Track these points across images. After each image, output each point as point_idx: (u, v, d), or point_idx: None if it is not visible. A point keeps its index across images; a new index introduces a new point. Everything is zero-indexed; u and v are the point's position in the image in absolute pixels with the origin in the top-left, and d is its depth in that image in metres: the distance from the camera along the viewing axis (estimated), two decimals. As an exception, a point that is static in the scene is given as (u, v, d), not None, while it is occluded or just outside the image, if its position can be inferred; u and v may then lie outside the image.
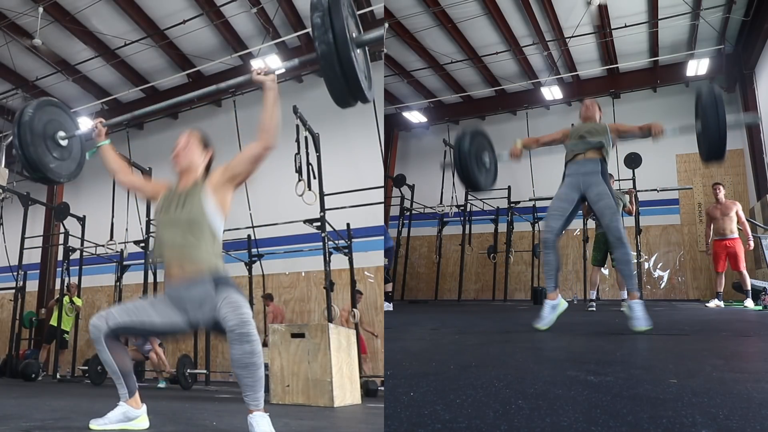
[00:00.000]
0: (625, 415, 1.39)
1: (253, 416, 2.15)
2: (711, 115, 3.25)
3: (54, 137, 2.72)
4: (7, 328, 9.77)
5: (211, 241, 2.32)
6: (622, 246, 3.62)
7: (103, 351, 2.30)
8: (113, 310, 2.33)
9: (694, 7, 8.76)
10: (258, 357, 2.13)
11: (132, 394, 2.36)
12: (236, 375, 2.16)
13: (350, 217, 7.24)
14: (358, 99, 2.23)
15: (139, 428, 2.37)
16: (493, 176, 4.11)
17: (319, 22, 2.09)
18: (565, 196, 3.81)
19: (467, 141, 3.87)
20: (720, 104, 3.26)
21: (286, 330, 4.62)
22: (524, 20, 9.45)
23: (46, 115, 2.71)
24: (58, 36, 8.88)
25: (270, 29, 8.64)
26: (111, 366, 2.32)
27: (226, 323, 2.12)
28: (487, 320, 5.19)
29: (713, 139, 3.28)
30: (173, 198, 2.39)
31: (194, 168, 2.44)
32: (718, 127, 3.24)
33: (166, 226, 2.35)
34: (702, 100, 3.34)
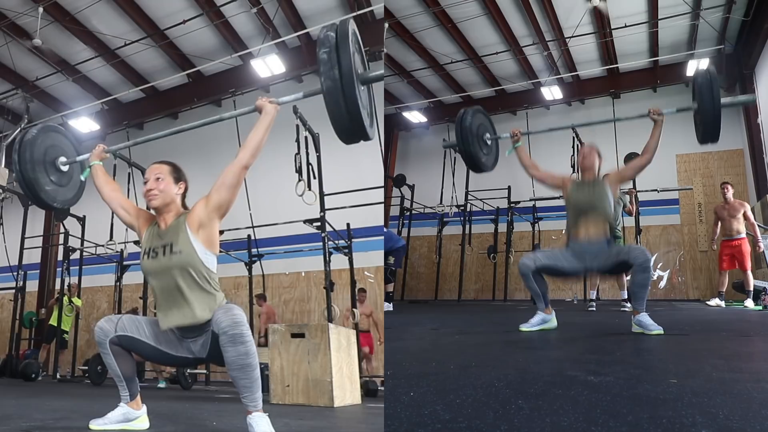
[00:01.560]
0: (625, 415, 1.39)
1: (252, 417, 2.15)
2: (706, 94, 3.29)
3: (54, 162, 2.72)
4: (7, 328, 9.77)
5: (206, 284, 2.25)
6: (646, 272, 3.46)
7: (108, 355, 2.30)
8: (125, 319, 2.32)
9: (694, 7, 8.76)
10: (253, 358, 2.12)
11: (133, 398, 2.37)
12: (232, 378, 2.15)
13: (350, 217, 7.24)
14: (360, 137, 2.24)
15: (139, 428, 2.37)
16: (494, 158, 4.13)
17: (326, 58, 2.10)
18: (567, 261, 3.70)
19: (469, 117, 3.92)
20: (715, 84, 3.29)
21: (286, 330, 4.62)
22: (524, 20, 9.45)
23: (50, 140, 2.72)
24: (58, 36, 8.88)
25: (270, 29, 8.64)
26: (114, 370, 2.33)
27: (218, 325, 2.11)
28: (487, 320, 5.19)
29: (708, 119, 3.33)
30: (158, 241, 2.30)
31: (170, 203, 2.34)
32: (713, 106, 3.27)
33: (157, 274, 2.27)
34: (698, 80, 3.39)
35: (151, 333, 2.32)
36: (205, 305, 2.23)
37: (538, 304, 3.81)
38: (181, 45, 9.26)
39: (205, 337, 2.25)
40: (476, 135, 4.00)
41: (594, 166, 3.82)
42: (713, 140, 3.43)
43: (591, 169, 3.81)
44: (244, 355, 2.10)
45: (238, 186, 2.31)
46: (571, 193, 3.81)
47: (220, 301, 2.26)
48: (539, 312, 3.78)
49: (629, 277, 3.82)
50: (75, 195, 2.91)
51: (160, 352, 2.31)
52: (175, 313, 2.24)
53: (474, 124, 3.99)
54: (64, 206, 2.88)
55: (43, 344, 9.14)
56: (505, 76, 11.26)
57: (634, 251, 3.51)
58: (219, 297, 2.27)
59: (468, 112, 4.00)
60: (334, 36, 2.12)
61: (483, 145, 4.02)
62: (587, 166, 3.82)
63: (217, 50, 9.26)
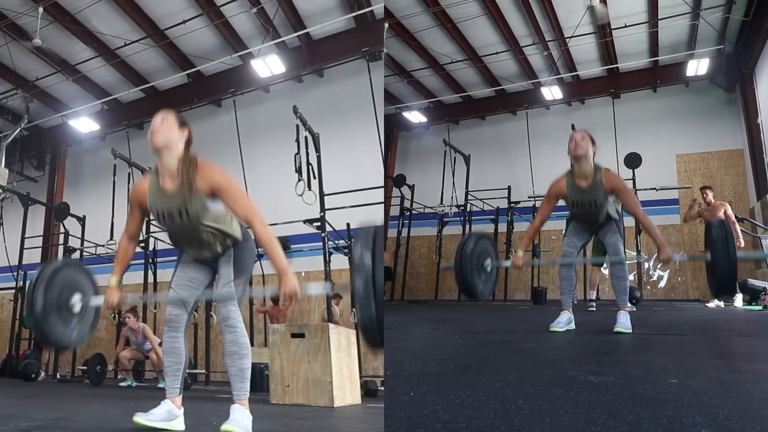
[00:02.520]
0: (625, 415, 1.39)
1: (233, 407, 2.23)
2: (721, 249, 3.17)
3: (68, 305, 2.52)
4: (7, 328, 9.76)
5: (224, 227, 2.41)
6: (620, 264, 3.81)
7: (178, 339, 2.40)
8: (182, 294, 2.44)
9: (694, 7, 8.76)
10: (240, 347, 2.32)
11: (181, 392, 2.44)
12: (225, 364, 2.35)
13: (350, 217, 7.24)
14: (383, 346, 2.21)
15: (177, 429, 2.38)
16: (492, 284, 3.94)
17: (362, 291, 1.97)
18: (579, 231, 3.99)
19: (471, 244, 3.71)
20: (730, 237, 3.19)
21: (286, 330, 4.62)
22: (524, 20, 9.45)
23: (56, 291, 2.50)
24: (58, 36, 8.87)
25: (270, 29, 8.63)
26: (180, 356, 2.42)
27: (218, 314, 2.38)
28: (487, 320, 5.19)
29: (723, 274, 3.20)
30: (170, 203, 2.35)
31: (172, 146, 2.38)
32: (728, 261, 3.16)
33: (180, 232, 2.43)
34: (712, 233, 3.28)
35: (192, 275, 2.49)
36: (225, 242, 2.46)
37: (565, 300, 3.91)
38: (181, 45, 9.26)
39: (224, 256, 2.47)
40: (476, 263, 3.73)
41: (588, 154, 3.64)
42: (729, 294, 3.48)
43: (585, 156, 3.63)
44: (232, 343, 2.32)
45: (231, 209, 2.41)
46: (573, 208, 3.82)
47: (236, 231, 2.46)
48: (565, 311, 3.89)
49: None
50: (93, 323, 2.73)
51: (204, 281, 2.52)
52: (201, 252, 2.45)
53: (475, 252, 3.73)
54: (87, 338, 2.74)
55: (44, 345, 9.14)
56: (505, 76, 11.25)
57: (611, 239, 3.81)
58: (235, 228, 2.46)
59: (471, 239, 3.77)
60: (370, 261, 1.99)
61: (482, 272, 3.77)
62: (580, 155, 3.63)
63: (217, 50, 9.26)
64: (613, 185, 3.63)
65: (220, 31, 8.93)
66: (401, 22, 9.43)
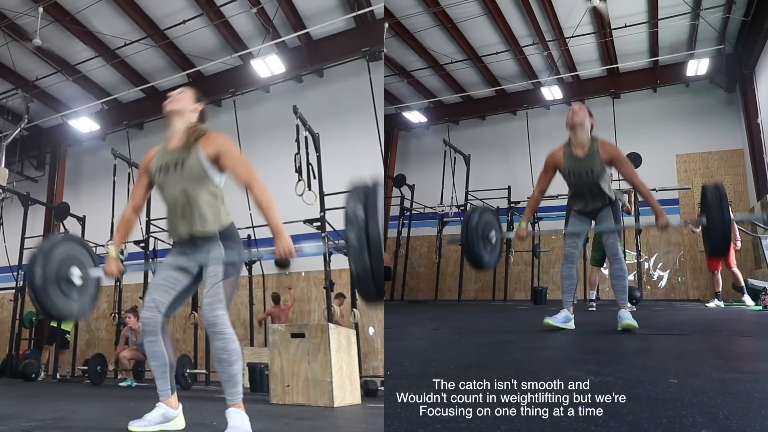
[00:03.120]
0: (625, 415, 1.39)
1: (228, 411, 2.23)
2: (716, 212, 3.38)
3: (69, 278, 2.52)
4: (7, 328, 9.76)
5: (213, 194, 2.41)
6: (618, 262, 3.80)
7: (157, 342, 2.37)
8: (155, 295, 2.40)
9: (694, 7, 8.75)
10: (229, 354, 2.28)
11: (173, 392, 2.39)
12: (216, 369, 2.33)
13: (350, 217, 7.22)
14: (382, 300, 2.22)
15: (176, 429, 2.38)
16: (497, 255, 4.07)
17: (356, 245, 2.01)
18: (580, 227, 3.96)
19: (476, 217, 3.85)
20: (725, 201, 3.38)
21: (286, 330, 4.62)
22: (524, 20, 9.44)
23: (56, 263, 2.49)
24: (58, 36, 8.87)
25: (270, 29, 8.63)
26: (162, 358, 2.38)
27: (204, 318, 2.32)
28: (487, 320, 5.20)
29: (717, 237, 3.41)
30: (169, 157, 2.43)
31: (185, 113, 2.50)
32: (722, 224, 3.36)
33: (168, 186, 2.41)
34: (707, 197, 3.47)
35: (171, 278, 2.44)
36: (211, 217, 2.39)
37: (566, 298, 3.90)
38: (181, 45, 9.25)
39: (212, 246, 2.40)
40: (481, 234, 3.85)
41: (585, 124, 3.72)
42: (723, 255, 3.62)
43: (581, 125, 3.71)
44: (221, 350, 2.28)
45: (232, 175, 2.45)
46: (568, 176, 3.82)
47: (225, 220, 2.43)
48: (565, 309, 3.87)
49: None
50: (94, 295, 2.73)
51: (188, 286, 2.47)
52: (184, 224, 2.39)
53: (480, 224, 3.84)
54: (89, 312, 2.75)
55: (45, 345, 9.13)
56: (505, 76, 11.25)
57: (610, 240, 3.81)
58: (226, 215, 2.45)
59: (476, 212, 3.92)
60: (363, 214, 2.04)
61: (487, 243, 3.95)
62: (577, 122, 3.71)
63: (217, 50, 9.26)
64: (610, 154, 3.69)
65: (220, 31, 8.93)
66: (401, 22, 9.42)
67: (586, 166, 3.70)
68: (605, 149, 3.70)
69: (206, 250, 2.40)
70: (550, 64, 10.55)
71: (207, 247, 2.40)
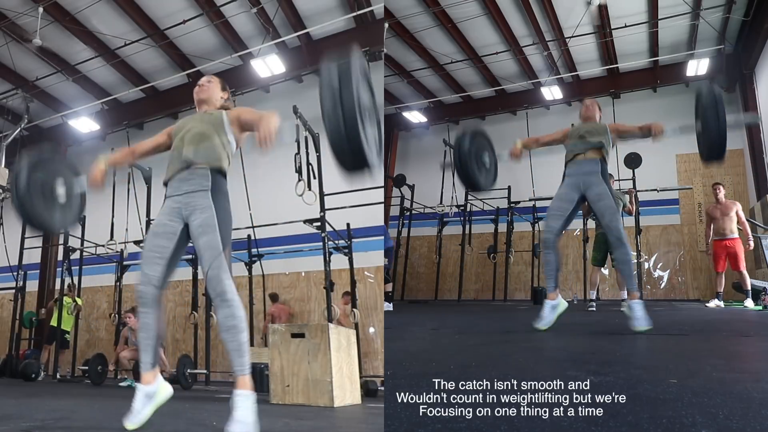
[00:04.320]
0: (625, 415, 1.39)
1: (237, 394, 2.21)
2: (711, 114, 3.27)
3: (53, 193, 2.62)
4: (7, 328, 9.76)
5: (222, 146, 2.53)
6: (622, 246, 3.65)
7: (149, 314, 2.40)
8: (146, 269, 2.42)
9: (694, 7, 8.76)
10: (239, 321, 2.29)
11: (154, 366, 2.41)
12: (223, 340, 2.30)
13: (350, 217, 7.23)
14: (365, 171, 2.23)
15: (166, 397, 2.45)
16: (493, 176, 4.12)
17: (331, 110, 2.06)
18: (566, 196, 3.83)
19: (467, 140, 3.89)
20: (720, 104, 3.26)
21: (286, 330, 4.62)
22: (524, 20, 9.44)
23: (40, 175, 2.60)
24: (58, 36, 8.87)
25: (270, 29, 8.63)
26: (151, 330, 2.40)
27: (210, 291, 2.32)
28: (487, 320, 5.20)
29: (713, 140, 3.30)
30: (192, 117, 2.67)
31: (212, 102, 2.73)
32: (718, 126, 3.25)
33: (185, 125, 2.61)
34: (702, 100, 3.35)
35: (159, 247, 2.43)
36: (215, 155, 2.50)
37: (549, 284, 3.84)
38: (181, 45, 9.26)
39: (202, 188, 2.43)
40: (474, 156, 3.91)
41: (595, 116, 4.09)
42: (718, 160, 3.45)
43: (592, 117, 4.09)
44: (231, 317, 2.27)
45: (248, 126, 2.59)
46: (570, 129, 4.08)
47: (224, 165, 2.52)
48: (547, 302, 3.77)
49: None
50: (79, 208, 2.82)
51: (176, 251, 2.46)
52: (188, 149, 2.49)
53: (472, 146, 3.90)
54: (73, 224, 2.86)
55: (45, 345, 9.13)
56: (505, 76, 11.25)
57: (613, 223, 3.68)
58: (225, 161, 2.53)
59: (467, 134, 3.95)
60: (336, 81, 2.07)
61: (481, 165, 3.96)
62: (589, 116, 4.08)
63: (217, 50, 9.26)
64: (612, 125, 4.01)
65: (220, 31, 8.93)
66: (401, 22, 9.43)
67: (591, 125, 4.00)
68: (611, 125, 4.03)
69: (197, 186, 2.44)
70: (550, 64, 10.56)
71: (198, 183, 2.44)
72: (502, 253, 10.58)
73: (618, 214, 3.82)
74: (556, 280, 3.79)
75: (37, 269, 11.70)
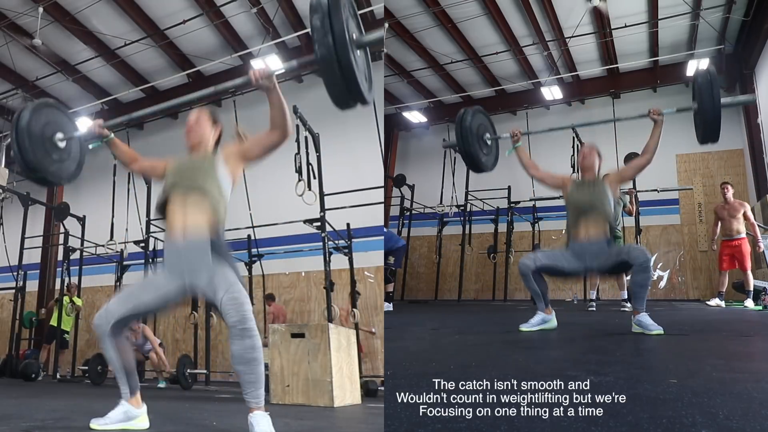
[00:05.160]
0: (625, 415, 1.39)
1: (253, 415, 2.16)
2: (706, 95, 3.32)
3: (52, 139, 2.69)
4: (7, 328, 9.76)
5: (217, 199, 2.36)
6: (646, 271, 3.46)
7: (109, 348, 2.31)
8: (110, 304, 2.34)
9: (694, 7, 8.75)
10: (258, 352, 2.18)
11: (133, 393, 2.37)
12: (237, 372, 2.19)
13: (350, 217, 7.23)
14: (357, 101, 2.23)
15: (139, 428, 2.37)
16: (494, 158, 4.15)
17: (319, 24, 2.08)
18: (567, 261, 3.72)
19: (469, 117, 3.94)
20: (715, 85, 3.31)
21: (286, 330, 4.62)
22: (524, 20, 9.44)
23: (44, 117, 2.68)
24: (58, 36, 8.87)
25: (270, 29, 8.64)
26: (115, 363, 2.33)
27: (227, 319, 2.18)
28: (487, 320, 5.20)
29: (708, 120, 3.36)
30: (184, 163, 2.50)
31: (205, 142, 2.54)
32: (712, 107, 3.30)
33: (174, 184, 2.41)
34: (697, 81, 3.42)
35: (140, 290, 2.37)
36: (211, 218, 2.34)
37: (538, 304, 3.80)
38: (181, 45, 9.26)
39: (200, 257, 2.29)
40: (476, 135, 4.02)
41: (594, 166, 3.84)
42: (713, 140, 3.46)
43: (591, 169, 3.83)
44: (251, 349, 2.16)
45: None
46: (571, 192, 3.82)
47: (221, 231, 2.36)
48: (539, 312, 3.78)
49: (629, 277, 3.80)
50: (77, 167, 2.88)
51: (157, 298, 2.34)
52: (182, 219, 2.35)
53: (474, 124, 4.01)
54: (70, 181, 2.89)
55: (44, 345, 9.13)
56: (505, 76, 11.25)
57: (634, 251, 3.53)
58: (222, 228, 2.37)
59: (468, 112, 4.01)
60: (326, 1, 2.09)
61: (483, 145, 4.05)
62: (587, 166, 3.84)
63: (217, 50, 9.26)
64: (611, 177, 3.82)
65: (220, 31, 8.93)
66: (401, 22, 9.43)
67: (591, 186, 3.77)
68: (608, 177, 3.83)
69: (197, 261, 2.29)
70: (550, 64, 10.55)
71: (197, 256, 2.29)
72: (502, 253, 10.58)
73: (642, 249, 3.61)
74: (546, 299, 3.76)
75: (37, 269, 11.71)
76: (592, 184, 3.80)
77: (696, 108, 3.47)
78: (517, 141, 4.07)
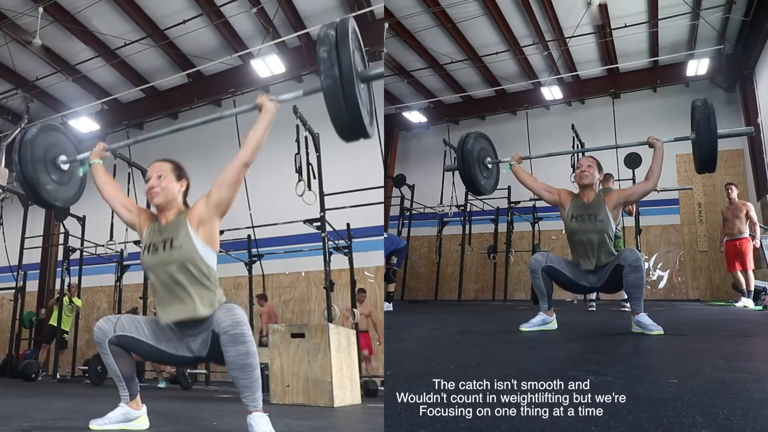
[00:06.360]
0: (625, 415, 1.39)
1: (252, 416, 2.16)
2: (703, 129, 3.38)
3: (55, 161, 2.76)
4: (7, 328, 9.77)
5: (205, 281, 2.27)
6: (637, 271, 3.46)
7: (107, 355, 2.31)
8: (123, 319, 2.33)
9: (694, 7, 8.76)
10: (253, 357, 2.15)
11: (133, 398, 2.37)
12: (233, 378, 2.17)
13: (350, 217, 7.23)
14: (360, 135, 2.24)
15: (139, 428, 2.37)
16: (494, 181, 4.14)
17: (326, 56, 2.11)
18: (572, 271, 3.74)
19: (471, 142, 3.94)
20: (712, 118, 3.36)
21: (286, 330, 4.62)
22: (524, 20, 9.45)
23: (50, 138, 2.75)
24: (58, 36, 8.87)
25: (270, 29, 8.64)
26: (113, 370, 2.32)
27: (219, 325, 2.14)
28: (487, 320, 5.20)
29: (705, 154, 3.43)
30: (158, 237, 2.32)
31: (171, 200, 2.36)
32: (710, 141, 3.37)
33: (156, 268, 2.29)
34: (696, 114, 3.46)
35: (151, 332, 2.33)
36: (205, 301, 2.24)
37: (540, 304, 3.80)
38: (181, 45, 9.26)
39: (205, 335, 2.26)
40: (477, 159, 3.99)
41: (594, 184, 3.72)
42: (710, 170, 3.54)
43: (590, 186, 3.71)
44: (245, 355, 2.12)
45: (239, 184, 2.34)
46: (570, 220, 3.73)
47: (220, 298, 2.28)
48: (540, 312, 3.77)
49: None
50: (76, 193, 2.94)
51: (159, 351, 2.33)
52: (175, 308, 2.25)
53: (475, 149, 3.97)
54: (65, 205, 2.93)
55: (44, 344, 9.13)
56: (505, 76, 11.25)
57: (624, 252, 3.55)
58: (218, 294, 2.29)
59: (470, 137, 4.00)
60: (334, 34, 2.14)
61: (483, 168, 4.02)
62: (586, 184, 3.71)
63: (217, 50, 9.26)
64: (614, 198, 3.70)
65: (220, 31, 8.93)
66: (401, 22, 9.43)
67: (592, 211, 3.67)
68: (609, 197, 3.72)
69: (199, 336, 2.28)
70: (550, 64, 10.56)
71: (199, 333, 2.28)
72: (502, 253, 10.58)
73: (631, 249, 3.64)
74: (550, 300, 3.76)
75: (37, 269, 11.70)
76: (592, 207, 3.68)
77: (694, 138, 3.51)
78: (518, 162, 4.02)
